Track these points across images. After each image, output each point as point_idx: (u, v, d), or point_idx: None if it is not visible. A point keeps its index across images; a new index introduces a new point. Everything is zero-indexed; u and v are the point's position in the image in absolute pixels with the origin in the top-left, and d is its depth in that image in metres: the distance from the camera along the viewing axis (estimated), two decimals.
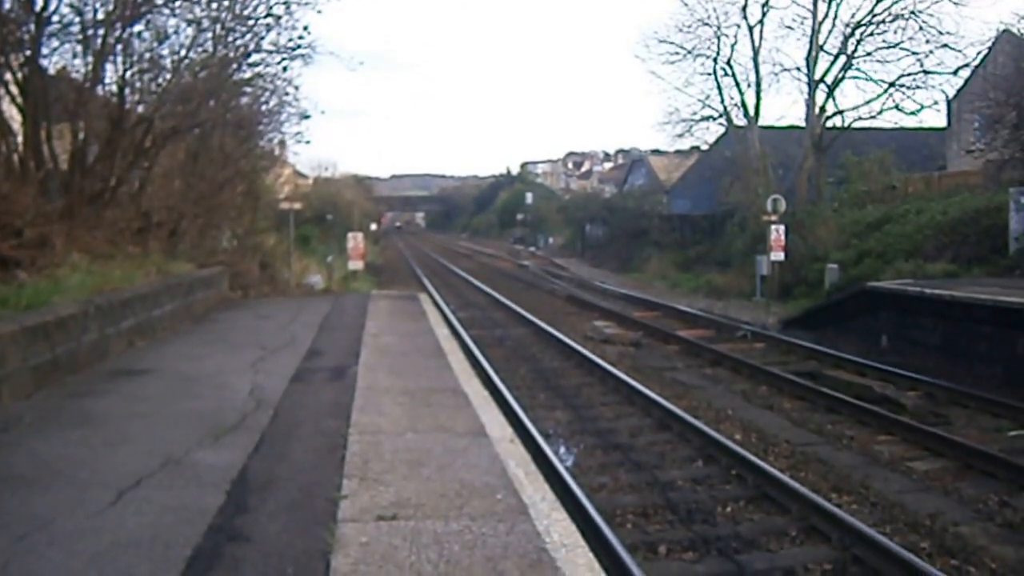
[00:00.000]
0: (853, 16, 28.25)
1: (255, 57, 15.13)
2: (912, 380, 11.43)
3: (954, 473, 7.77)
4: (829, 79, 29.00)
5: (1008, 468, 7.55)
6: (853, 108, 30.18)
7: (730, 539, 6.13)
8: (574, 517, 4.72)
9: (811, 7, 28.56)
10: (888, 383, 11.28)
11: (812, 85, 28.96)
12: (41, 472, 4.76)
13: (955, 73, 27.46)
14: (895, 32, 27.78)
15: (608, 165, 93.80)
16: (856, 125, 29.63)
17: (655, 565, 5.69)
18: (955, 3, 25.81)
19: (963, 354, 12.62)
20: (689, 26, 30.78)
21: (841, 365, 12.84)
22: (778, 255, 20.40)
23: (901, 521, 6.56)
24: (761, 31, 29.96)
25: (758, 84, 30.33)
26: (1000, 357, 11.89)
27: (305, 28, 15.02)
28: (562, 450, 8.61)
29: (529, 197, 69.81)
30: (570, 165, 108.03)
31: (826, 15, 28.49)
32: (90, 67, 11.96)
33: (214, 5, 13.59)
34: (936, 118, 34.99)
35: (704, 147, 35.77)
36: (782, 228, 20.46)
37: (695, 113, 31.93)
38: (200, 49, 13.90)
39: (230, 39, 14.34)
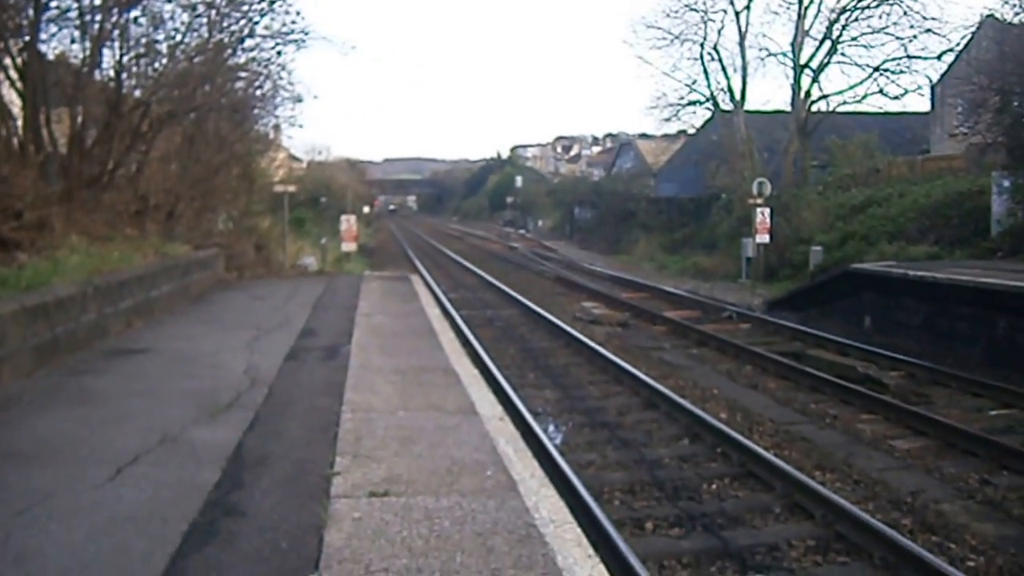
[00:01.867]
0: (838, 1, 28.36)
1: (249, 42, 15.29)
2: (894, 360, 11.59)
3: (935, 452, 7.88)
4: (814, 64, 29.17)
5: (988, 447, 7.67)
6: (838, 92, 30.41)
7: (715, 516, 6.22)
8: (563, 494, 4.78)
9: None
10: (871, 363, 11.44)
11: (797, 70, 29.05)
12: (41, 448, 4.80)
13: (939, 58, 27.69)
14: (880, 17, 27.99)
15: (596, 149, 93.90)
16: (841, 109, 29.83)
17: (642, 540, 5.77)
18: None
19: (945, 335, 12.80)
20: (676, 11, 30.84)
21: (824, 345, 13.00)
22: (763, 237, 20.53)
23: (883, 499, 6.65)
24: (747, 16, 30.08)
25: (744, 69, 30.43)
26: (981, 338, 12.06)
27: (298, 13, 15.35)
28: (551, 428, 8.70)
29: (519, 180, 70.13)
30: (559, 149, 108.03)
31: (812, 0, 28.58)
32: (88, 52, 12.09)
33: None
34: (920, 102, 35.17)
35: (691, 131, 35.84)
36: (767, 211, 20.58)
37: (682, 98, 32.08)
38: (195, 34, 14.06)
39: (225, 24, 14.50)
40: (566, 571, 3.29)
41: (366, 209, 54.58)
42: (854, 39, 28.67)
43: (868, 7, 27.77)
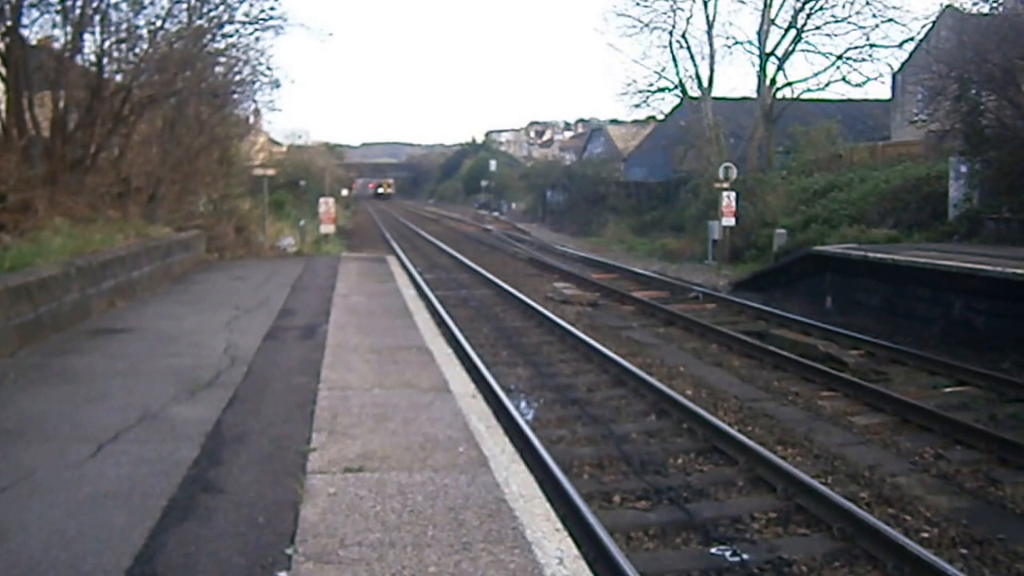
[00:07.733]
0: None
1: (229, 28, 15.57)
2: (854, 339, 11.84)
3: (892, 427, 8.07)
4: (780, 52, 29.57)
5: (943, 422, 7.87)
6: (802, 80, 31.10)
7: (681, 489, 6.34)
8: (532, 469, 4.88)
9: None
10: (831, 342, 11.65)
11: (763, 58, 29.43)
12: (25, 426, 4.83)
13: (900, 46, 28.23)
14: (843, 7, 28.53)
15: (568, 134, 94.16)
16: (805, 96, 30.36)
17: (609, 513, 5.87)
18: None
19: (903, 315, 13.07)
20: (646, 0, 30.90)
21: (787, 325, 13.22)
22: (729, 220, 20.84)
23: (842, 472, 6.80)
24: (715, 5, 30.66)
25: (712, 56, 30.67)
26: (937, 318, 12.35)
27: None
28: (522, 404, 8.79)
29: (493, 164, 70.50)
30: (532, 134, 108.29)
31: None
32: (70, 37, 12.22)
33: None
34: (881, 90, 35.95)
35: (660, 117, 36.20)
36: (733, 195, 20.88)
37: (651, 84, 32.34)
38: (175, 20, 14.25)
39: (204, 10, 14.74)
40: (535, 544, 3.38)
41: (344, 192, 54.54)
42: (818, 28, 29.21)
43: None
